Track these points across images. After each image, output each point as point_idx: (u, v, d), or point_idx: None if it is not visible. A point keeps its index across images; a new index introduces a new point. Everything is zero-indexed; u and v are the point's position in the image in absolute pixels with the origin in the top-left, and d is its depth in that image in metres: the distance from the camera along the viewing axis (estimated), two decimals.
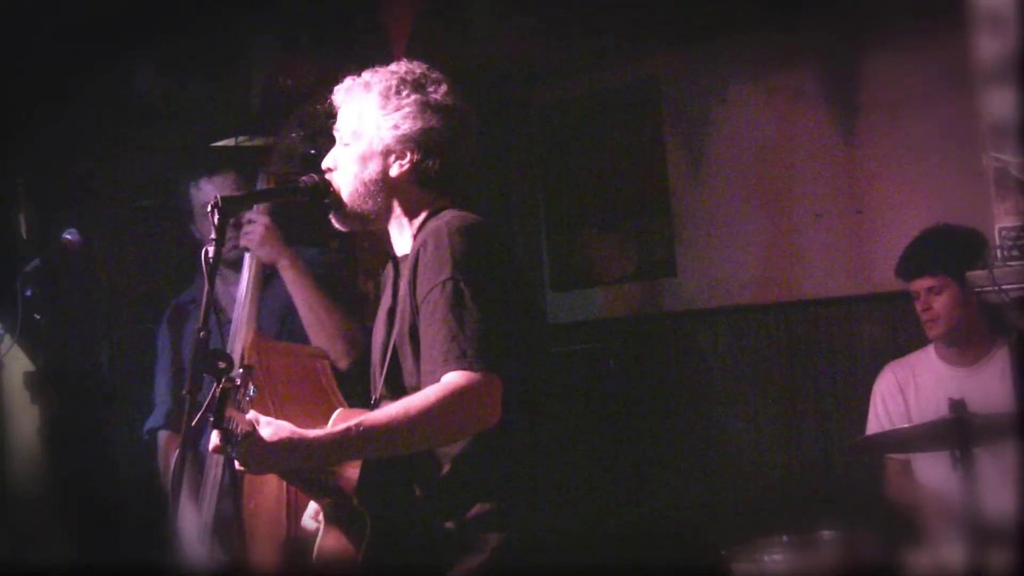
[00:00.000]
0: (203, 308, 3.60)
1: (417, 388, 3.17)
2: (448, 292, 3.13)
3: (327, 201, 3.38)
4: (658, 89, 6.00)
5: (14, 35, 4.57)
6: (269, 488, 4.00)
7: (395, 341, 3.30)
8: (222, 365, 3.74)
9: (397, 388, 3.27)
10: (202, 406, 3.77)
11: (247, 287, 4.49)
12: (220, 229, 3.49)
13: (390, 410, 3.11)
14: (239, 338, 4.40)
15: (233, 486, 4.13)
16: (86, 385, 5.01)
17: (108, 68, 4.94)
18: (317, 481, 3.35)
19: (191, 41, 4.91)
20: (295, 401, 4.10)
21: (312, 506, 3.49)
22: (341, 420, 3.24)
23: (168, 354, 4.86)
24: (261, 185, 4.30)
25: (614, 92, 6.14)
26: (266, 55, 4.88)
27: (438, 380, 3.10)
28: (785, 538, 4.33)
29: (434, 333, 3.14)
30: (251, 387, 3.18)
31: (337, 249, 5.27)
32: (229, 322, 4.54)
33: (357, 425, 3.09)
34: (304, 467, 3.26)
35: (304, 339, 4.48)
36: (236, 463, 3.17)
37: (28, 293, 4.40)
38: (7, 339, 4.43)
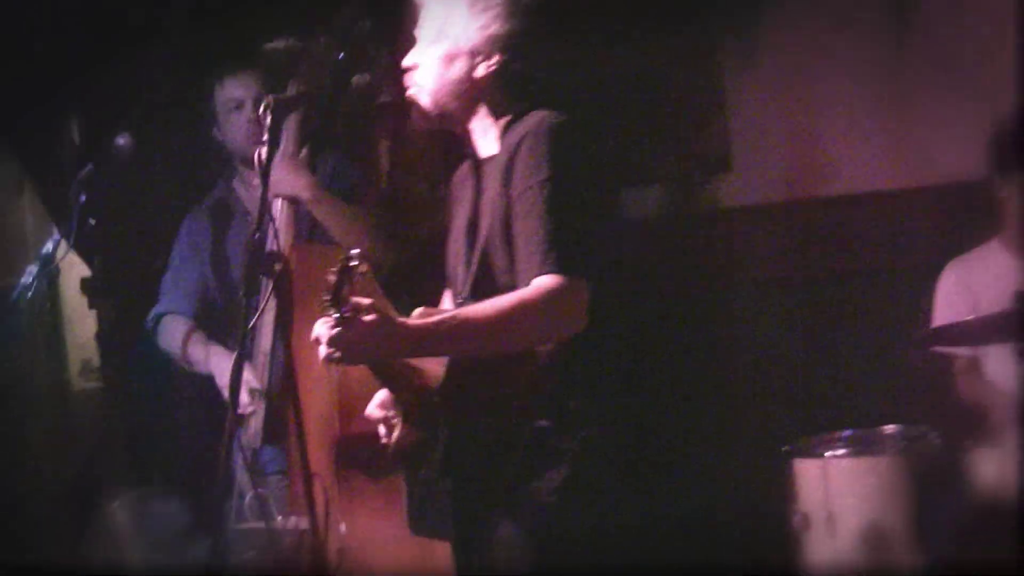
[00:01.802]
0: (259, 210, 3.62)
1: (511, 287, 3.18)
2: (546, 193, 3.14)
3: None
4: None
5: None
6: (321, 390, 3.96)
7: (484, 241, 3.30)
8: (278, 267, 3.75)
9: (488, 288, 3.26)
10: (257, 309, 3.81)
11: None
12: (273, 130, 3.49)
13: (483, 307, 3.13)
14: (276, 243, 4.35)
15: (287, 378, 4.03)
16: (142, 290, 4.95)
17: None
18: (403, 375, 3.32)
19: None
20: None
21: (377, 396, 3.45)
22: (423, 315, 3.22)
23: (193, 248, 4.82)
24: (292, 91, 4.20)
25: None
26: None
27: (530, 282, 3.12)
28: (848, 433, 4.29)
29: (529, 233, 3.15)
30: (361, 270, 3.11)
31: (374, 155, 5.21)
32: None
33: (452, 318, 3.12)
34: (395, 356, 3.25)
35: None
36: (329, 350, 3.11)
37: (83, 199, 4.38)
38: (63, 245, 4.42)
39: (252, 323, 3.73)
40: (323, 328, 3.10)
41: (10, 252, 5.33)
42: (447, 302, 3.52)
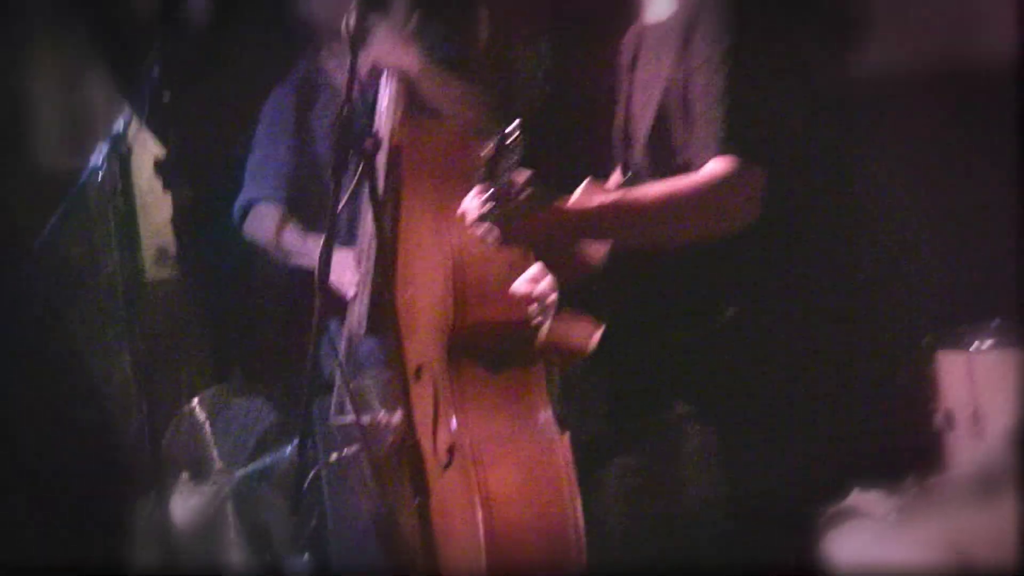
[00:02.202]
0: (346, 82, 3.35)
1: (686, 166, 3.00)
2: (729, 65, 2.94)
3: None
4: None
5: None
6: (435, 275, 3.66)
7: (656, 115, 3.11)
8: (369, 145, 3.42)
9: (660, 167, 3.08)
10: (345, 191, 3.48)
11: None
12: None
13: (652, 189, 2.97)
14: (385, 119, 4.01)
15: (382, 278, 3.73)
16: (221, 172, 4.66)
17: None
18: (566, 254, 3.15)
19: None
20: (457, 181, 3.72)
21: (530, 271, 3.23)
22: (588, 192, 3.03)
23: (280, 127, 4.51)
24: None
25: None
26: None
27: (707, 161, 2.95)
28: (996, 323, 4.08)
29: (707, 111, 2.97)
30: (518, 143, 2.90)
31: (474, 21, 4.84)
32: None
33: (619, 200, 2.95)
34: (553, 238, 3.05)
35: None
36: (482, 226, 2.96)
37: (156, 71, 4.06)
38: (135, 122, 4.08)
39: (341, 205, 3.44)
40: (474, 202, 2.94)
41: (79, 130, 4.99)
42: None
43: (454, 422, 3.46)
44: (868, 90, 4.88)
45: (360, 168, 3.47)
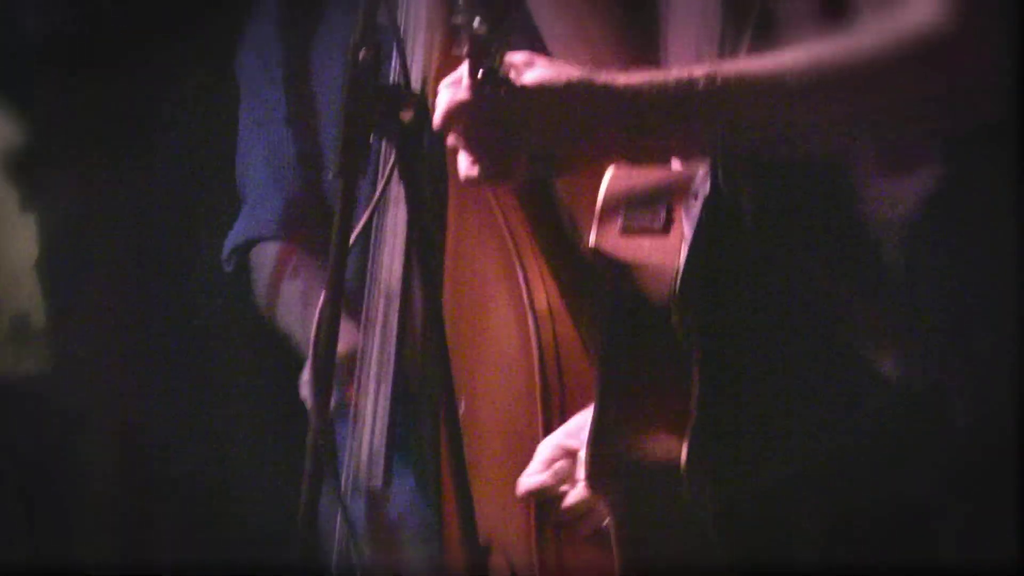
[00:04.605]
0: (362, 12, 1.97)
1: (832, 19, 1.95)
2: None
3: None
4: None
5: None
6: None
7: None
8: (407, 113, 2.02)
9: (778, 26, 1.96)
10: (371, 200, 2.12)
11: None
12: None
13: (783, 54, 1.90)
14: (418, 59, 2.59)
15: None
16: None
17: None
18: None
19: None
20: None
21: (542, 450, 2.27)
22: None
23: (271, 91, 3.03)
24: None
25: None
26: None
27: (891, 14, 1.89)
28: None
29: None
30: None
31: None
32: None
33: (711, 71, 1.90)
34: (597, 151, 1.98)
35: None
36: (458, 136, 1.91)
37: None
38: None
39: (360, 227, 2.03)
40: (448, 92, 1.91)
41: None
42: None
43: None
44: None
45: (391, 165, 2.01)
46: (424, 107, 1.98)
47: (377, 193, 2.03)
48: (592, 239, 1.98)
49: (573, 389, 2.28)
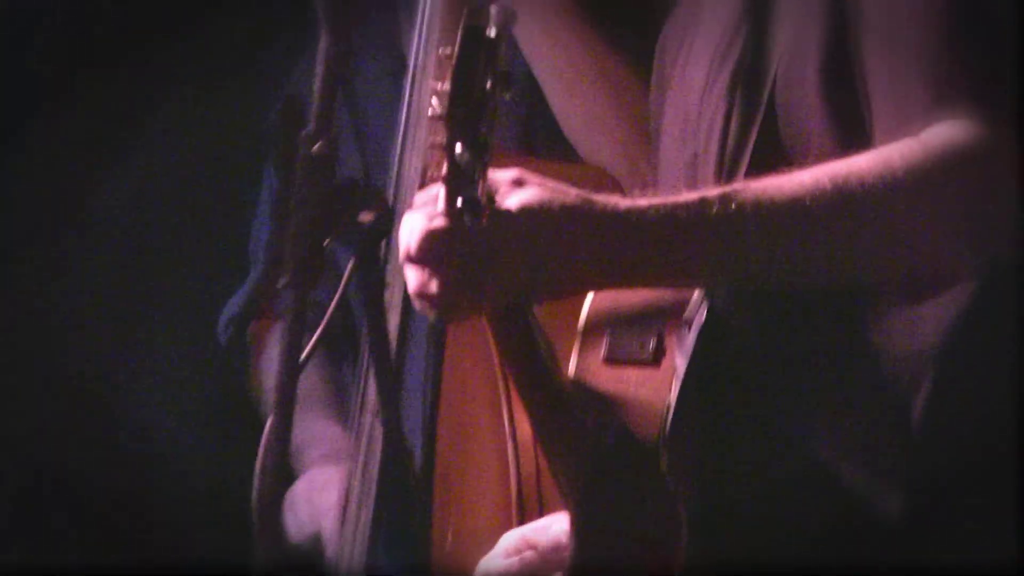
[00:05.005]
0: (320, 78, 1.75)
1: (821, 152, 1.81)
2: None
3: None
4: None
5: None
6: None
7: (776, 72, 1.89)
8: (366, 218, 1.79)
9: (775, 156, 1.84)
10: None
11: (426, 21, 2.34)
12: None
13: (807, 177, 1.74)
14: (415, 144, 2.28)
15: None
16: None
17: None
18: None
19: None
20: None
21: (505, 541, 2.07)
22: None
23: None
24: None
25: None
26: None
27: (912, 130, 1.77)
28: None
29: (901, 42, 1.82)
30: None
31: None
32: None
33: (731, 194, 1.74)
34: (589, 282, 1.84)
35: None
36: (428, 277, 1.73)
37: None
38: None
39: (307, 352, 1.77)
40: (421, 218, 1.72)
41: None
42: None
43: None
44: None
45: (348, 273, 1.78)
46: (387, 207, 1.78)
47: (332, 304, 1.78)
48: (572, 367, 1.82)
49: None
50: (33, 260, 3.38)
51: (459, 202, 1.68)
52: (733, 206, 1.73)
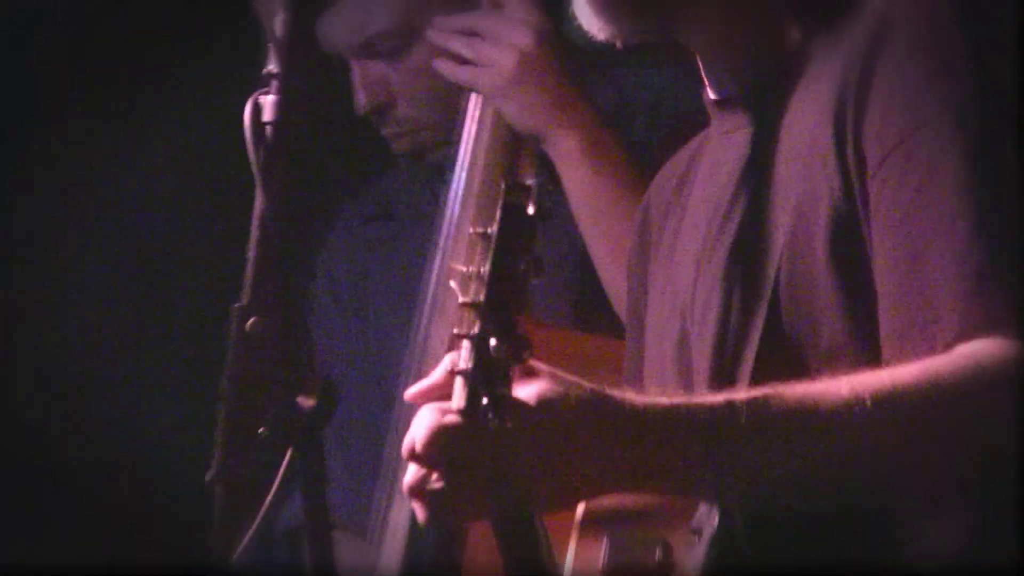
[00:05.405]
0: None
1: (831, 361, 1.63)
2: (958, 153, 1.57)
3: None
4: None
5: None
6: None
7: (784, 263, 1.68)
8: (307, 400, 1.61)
9: (779, 363, 1.66)
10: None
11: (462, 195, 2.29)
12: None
13: (840, 388, 1.54)
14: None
15: None
16: None
17: None
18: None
19: None
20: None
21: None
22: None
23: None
24: None
25: None
26: None
27: (938, 347, 1.57)
28: None
29: (921, 244, 1.59)
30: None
31: None
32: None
33: (755, 400, 1.54)
34: (608, 475, 1.58)
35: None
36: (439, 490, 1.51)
37: None
38: None
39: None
40: (434, 413, 1.52)
41: None
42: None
43: None
44: None
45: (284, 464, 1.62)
46: (329, 392, 1.61)
47: (268, 497, 1.61)
48: (568, 568, 1.69)
49: None
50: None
51: (484, 400, 1.49)
52: (764, 417, 1.56)
